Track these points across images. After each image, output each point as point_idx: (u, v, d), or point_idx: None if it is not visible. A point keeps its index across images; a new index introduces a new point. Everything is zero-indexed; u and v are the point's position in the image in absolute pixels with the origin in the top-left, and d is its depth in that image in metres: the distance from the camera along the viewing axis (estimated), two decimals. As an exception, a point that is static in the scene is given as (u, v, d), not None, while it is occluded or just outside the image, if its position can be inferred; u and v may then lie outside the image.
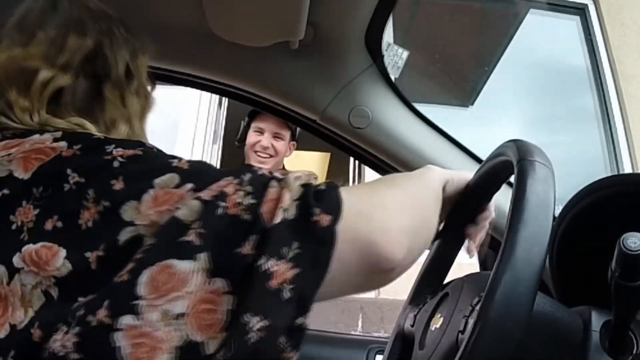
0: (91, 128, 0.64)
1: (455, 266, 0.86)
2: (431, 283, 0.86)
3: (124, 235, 0.48)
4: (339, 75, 1.11)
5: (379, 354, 1.31)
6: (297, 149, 2.34)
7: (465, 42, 4.22)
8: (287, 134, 2.19)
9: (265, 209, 0.50)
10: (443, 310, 0.74)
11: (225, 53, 1.07)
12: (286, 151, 2.23)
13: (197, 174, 0.52)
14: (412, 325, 0.81)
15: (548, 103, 4.14)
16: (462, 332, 0.63)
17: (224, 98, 4.09)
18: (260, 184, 0.52)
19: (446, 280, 0.86)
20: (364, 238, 0.53)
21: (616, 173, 3.57)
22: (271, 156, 2.19)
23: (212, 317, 0.46)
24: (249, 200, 0.50)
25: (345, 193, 0.54)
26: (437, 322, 0.73)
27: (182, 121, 3.97)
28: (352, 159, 3.56)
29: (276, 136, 2.18)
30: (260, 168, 0.56)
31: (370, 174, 3.74)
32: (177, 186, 0.51)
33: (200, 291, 0.46)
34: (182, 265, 0.46)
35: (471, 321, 0.61)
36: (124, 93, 0.71)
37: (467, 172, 0.82)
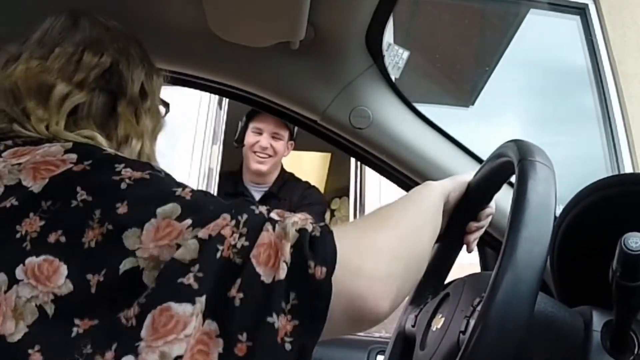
0: (102, 142, 0.66)
1: (456, 266, 0.86)
2: (432, 283, 0.86)
3: (125, 265, 0.49)
4: (340, 76, 1.10)
5: (380, 354, 1.31)
6: (298, 149, 2.34)
7: (466, 42, 4.21)
8: (285, 134, 2.20)
9: (256, 253, 0.51)
10: (444, 310, 0.74)
11: (225, 53, 1.07)
12: (284, 151, 2.24)
13: (197, 208, 0.53)
14: (413, 326, 0.81)
15: (548, 103, 4.14)
16: (464, 332, 0.63)
17: (224, 99, 4.08)
18: (255, 226, 0.53)
19: (447, 281, 0.86)
20: (351, 292, 0.53)
21: (617, 173, 3.57)
22: (270, 156, 2.19)
23: (205, 359, 0.47)
24: (242, 243, 0.51)
25: (337, 239, 0.54)
26: (438, 323, 0.73)
27: (182, 122, 3.96)
28: (352, 159, 3.56)
29: (275, 136, 2.19)
30: (258, 207, 0.56)
31: (371, 174, 3.74)
32: (178, 219, 0.51)
33: (198, 333, 0.47)
34: (181, 309, 0.47)
35: (472, 321, 0.61)
36: (137, 111, 0.73)
37: (466, 174, 0.82)
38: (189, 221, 0.51)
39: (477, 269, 1.22)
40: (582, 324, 0.62)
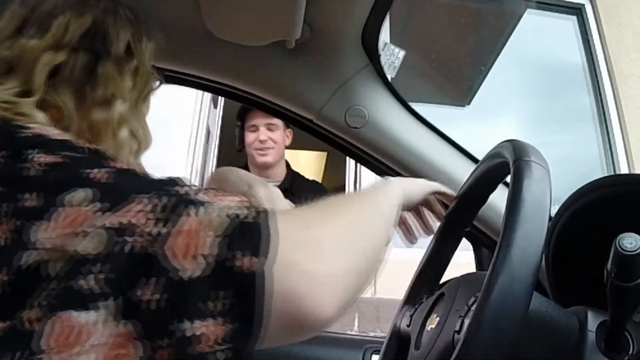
0: (37, 116, 0.60)
1: (451, 266, 0.86)
2: (427, 283, 0.86)
3: (28, 259, 0.44)
4: (336, 75, 1.10)
5: (375, 354, 1.31)
6: (294, 148, 2.35)
7: (462, 42, 4.22)
8: (279, 123, 2.25)
9: (172, 243, 0.44)
10: (439, 310, 0.74)
11: (221, 52, 1.06)
12: (284, 139, 2.27)
13: (111, 191, 0.47)
14: (408, 325, 0.81)
15: (545, 103, 4.15)
16: (458, 332, 0.63)
17: (219, 97, 4.08)
18: (176, 209, 0.46)
19: (442, 280, 0.86)
20: (291, 291, 0.45)
21: (612, 173, 3.58)
22: (270, 147, 2.23)
23: None
24: (158, 230, 0.44)
25: (278, 226, 0.47)
26: (433, 322, 0.72)
27: (177, 121, 3.96)
28: (349, 158, 3.56)
29: (270, 127, 2.23)
30: (185, 185, 0.50)
31: (367, 174, 3.75)
32: (87, 203, 0.45)
33: (112, 337, 0.42)
34: (83, 318, 0.42)
35: (467, 321, 0.61)
36: (122, 70, 0.70)
37: (430, 182, 0.83)
38: (97, 205, 0.45)
39: (472, 268, 1.22)
40: (577, 324, 0.62)
